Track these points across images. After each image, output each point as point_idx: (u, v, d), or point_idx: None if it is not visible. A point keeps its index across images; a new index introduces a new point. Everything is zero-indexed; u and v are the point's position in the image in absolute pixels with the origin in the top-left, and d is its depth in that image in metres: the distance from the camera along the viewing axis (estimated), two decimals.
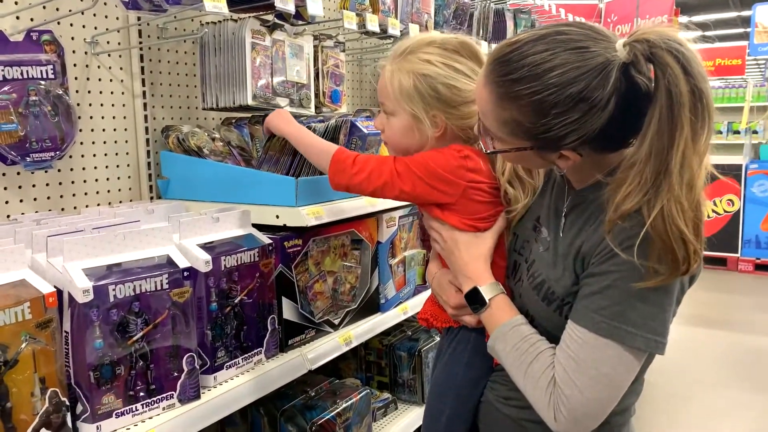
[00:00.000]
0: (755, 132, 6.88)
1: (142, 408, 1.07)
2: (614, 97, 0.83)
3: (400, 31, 1.92)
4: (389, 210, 1.68)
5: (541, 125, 0.86)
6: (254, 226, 1.37)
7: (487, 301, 1.03)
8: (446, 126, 1.14)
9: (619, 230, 0.87)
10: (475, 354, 1.19)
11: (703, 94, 0.80)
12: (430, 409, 1.22)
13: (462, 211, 1.10)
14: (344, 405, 1.55)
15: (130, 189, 1.59)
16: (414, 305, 1.82)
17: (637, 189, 0.83)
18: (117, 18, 1.52)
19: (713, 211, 6.06)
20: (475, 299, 1.05)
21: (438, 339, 1.96)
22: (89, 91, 1.48)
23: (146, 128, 1.59)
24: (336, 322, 1.53)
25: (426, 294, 1.87)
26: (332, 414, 1.52)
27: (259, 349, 1.32)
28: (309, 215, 1.35)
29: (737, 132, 8.87)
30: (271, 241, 1.32)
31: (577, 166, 0.95)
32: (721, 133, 9.25)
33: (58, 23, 1.40)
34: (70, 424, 0.98)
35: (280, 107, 1.54)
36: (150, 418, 1.08)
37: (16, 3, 1.32)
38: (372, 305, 1.65)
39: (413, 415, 1.87)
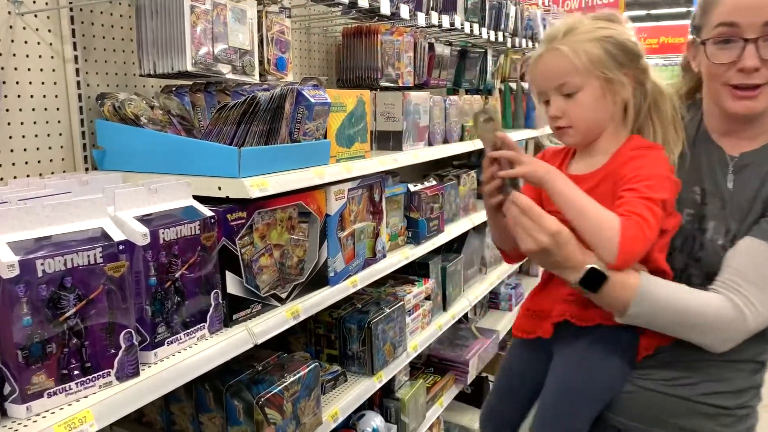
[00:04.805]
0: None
1: (77, 387, 1.02)
2: None
3: None
4: (338, 182, 1.65)
5: None
6: (196, 198, 1.32)
7: (607, 273, 1.07)
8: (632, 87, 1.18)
9: None
10: (623, 352, 1.21)
11: None
12: (556, 414, 1.23)
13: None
14: (292, 378, 1.53)
15: (63, 159, 1.51)
16: (363, 278, 1.81)
17: None
18: None
19: None
20: (592, 280, 1.08)
21: (388, 311, 1.97)
22: (14, 54, 1.39)
23: (79, 95, 1.50)
24: (283, 296, 1.51)
25: (381, 266, 1.87)
26: (280, 388, 1.50)
27: (202, 324, 1.29)
28: (253, 187, 1.31)
29: None
30: (213, 214, 1.28)
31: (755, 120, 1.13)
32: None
33: None
34: None
35: (222, 74, 1.48)
36: (85, 397, 1.03)
37: None
38: (320, 279, 1.63)
39: (363, 386, 1.87)
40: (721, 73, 1.11)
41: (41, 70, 1.44)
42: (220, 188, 1.33)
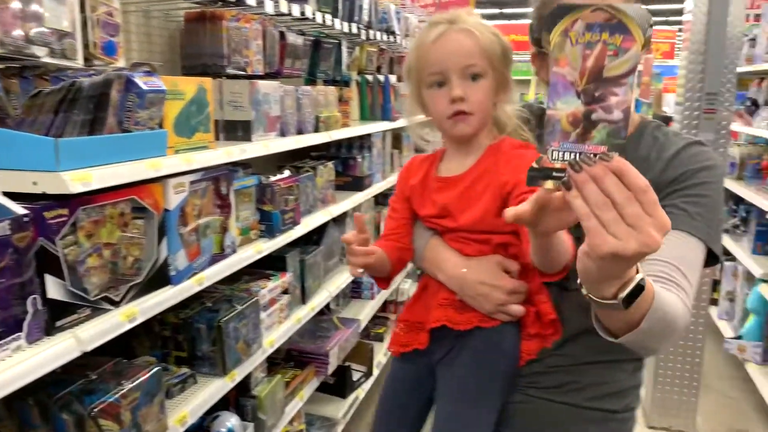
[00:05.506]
0: (541, 102, 7.70)
1: None
2: None
3: None
4: (178, 174, 1.56)
5: None
6: (6, 195, 1.18)
7: (644, 282, 0.84)
8: None
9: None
10: (507, 356, 1.15)
11: None
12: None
13: None
14: (130, 386, 1.43)
15: None
16: (211, 275, 1.74)
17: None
18: None
19: None
20: (634, 292, 0.83)
21: (240, 308, 1.91)
22: None
23: None
24: (117, 298, 1.40)
25: (231, 261, 1.80)
26: (116, 396, 1.39)
27: (17, 335, 1.16)
28: (74, 181, 1.20)
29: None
30: (26, 212, 1.15)
31: None
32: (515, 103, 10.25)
33: None
34: None
35: (38, 57, 1.34)
36: None
37: None
38: (161, 278, 1.54)
39: (214, 387, 1.80)
40: None
41: None
42: (35, 183, 1.20)
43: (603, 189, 0.71)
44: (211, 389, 1.79)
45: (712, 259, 1.11)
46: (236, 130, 1.99)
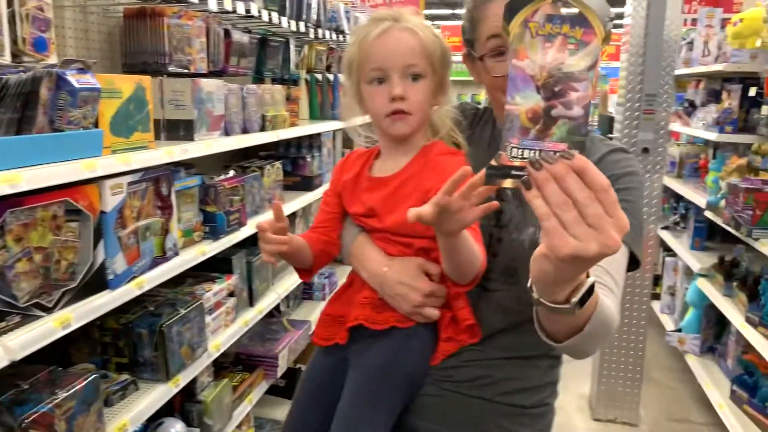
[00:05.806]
0: (478, 103, 7.83)
1: None
2: None
3: None
4: (115, 175, 1.51)
5: None
6: None
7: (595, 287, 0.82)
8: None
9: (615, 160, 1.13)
10: (419, 355, 1.16)
11: None
12: (353, 421, 1.14)
13: None
14: (65, 394, 1.38)
15: None
16: (152, 279, 1.69)
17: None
18: None
19: None
20: (588, 293, 0.81)
21: (183, 312, 1.86)
22: None
23: None
24: (49, 304, 1.34)
25: (173, 264, 1.75)
26: (50, 406, 1.34)
27: None
28: (1, 183, 1.14)
29: (479, 103, 9.99)
30: None
31: None
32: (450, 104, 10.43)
33: None
34: None
35: None
36: None
37: None
38: (98, 282, 1.48)
39: (156, 393, 1.75)
40: (502, 84, 1.15)
41: None
42: None
43: (564, 188, 0.68)
44: (153, 395, 1.74)
45: (633, 264, 1.12)
46: (178, 130, 1.94)
